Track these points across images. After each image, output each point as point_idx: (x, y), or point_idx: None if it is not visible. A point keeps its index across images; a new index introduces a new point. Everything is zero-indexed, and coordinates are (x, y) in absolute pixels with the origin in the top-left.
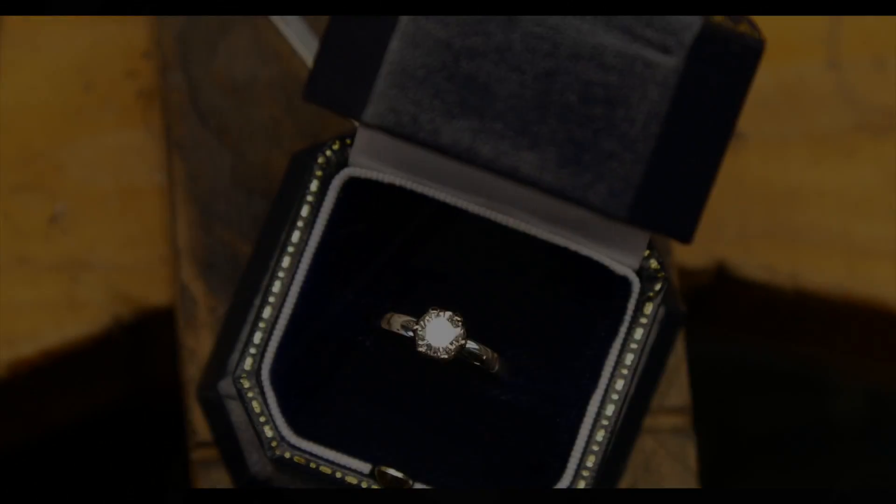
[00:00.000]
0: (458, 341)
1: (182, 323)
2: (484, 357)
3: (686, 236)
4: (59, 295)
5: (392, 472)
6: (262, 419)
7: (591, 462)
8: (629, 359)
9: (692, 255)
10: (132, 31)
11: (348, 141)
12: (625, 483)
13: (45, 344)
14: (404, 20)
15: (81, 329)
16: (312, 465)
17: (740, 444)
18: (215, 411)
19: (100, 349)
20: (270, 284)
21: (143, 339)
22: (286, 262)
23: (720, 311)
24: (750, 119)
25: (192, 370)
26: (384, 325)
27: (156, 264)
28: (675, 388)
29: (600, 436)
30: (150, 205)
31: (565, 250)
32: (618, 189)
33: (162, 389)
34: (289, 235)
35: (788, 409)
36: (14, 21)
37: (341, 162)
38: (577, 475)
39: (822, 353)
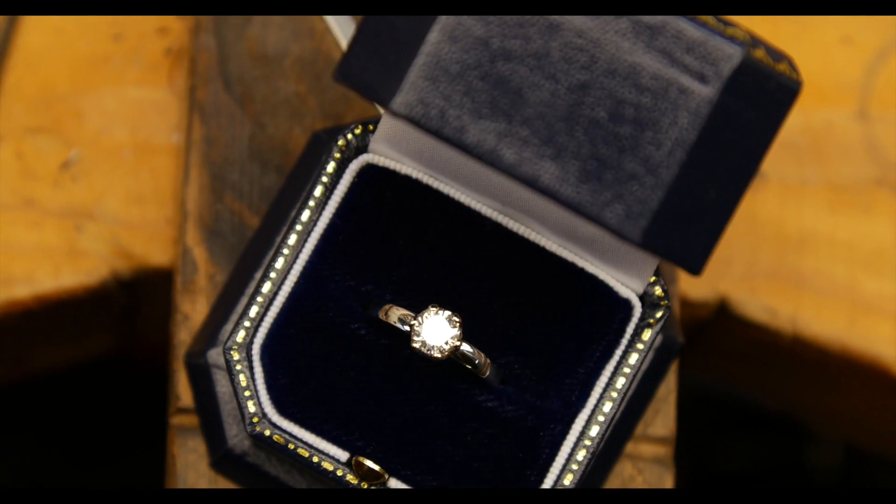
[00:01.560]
0: (453, 342)
1: (180, 286)
2: (476, 361)
3: (696, 268)
4: (60, 241)
5: (369, 463)
6: (246, 393)
7: (568, 480)
8: (620, 382)
9: (696, 286)
10: None
11: (371, 127)
12: None
13: (39, 288)
14: None
15: (78, 278)
16: (291, 447)
17: (715, 480)
18: (201, 379)
19: (94, 301)
20: (273, 260)
21: (139, 297)
22: (292, 239)
23: (716, 346)
24: (772, 159)
25: (184, 335)
26: (381, 317)
27: (161, 224)
28: (662, 417)
29: (581, 455)
30: (164, 164)
31: (572, 265)
32: (635, 211)
33: (150, 350)
34: (299, 213)
35: (767, 451)
36: None
37: (361, 147)
38: None
39: (810, 401)
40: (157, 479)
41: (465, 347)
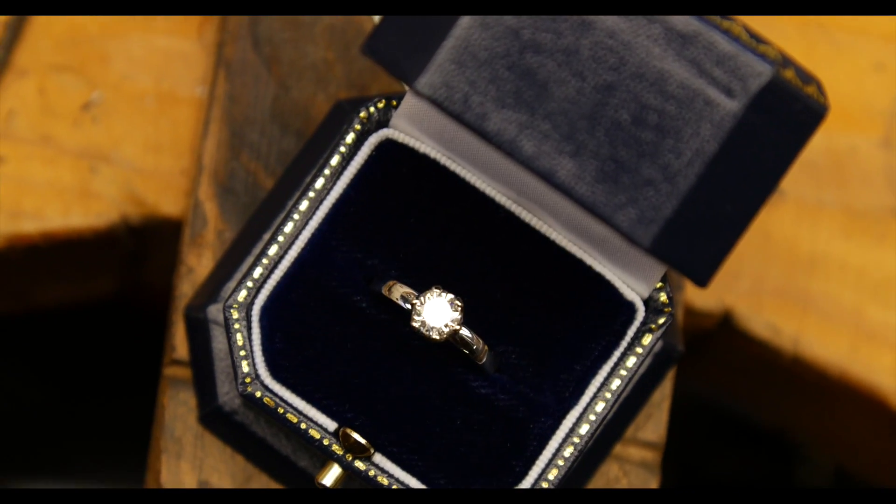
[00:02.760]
0: (452, 325)
1: (187, 239)
2: (474, 346)
3: (702, 280)
4: (73, 181)
5: (356, 436)
6: (241, 353)
7: (552, 475)
8: (615, 384)
9: (702, 296)
10: None
11: (394, 102)
12: None
13: (48, 226)
14: None
15: (88, 220)
16: (280, 411)
17: (700, 489)
18: (199, 334)
19: (101, 244)
20: (283, 224)
21: (146, 245)
22: (304, 205)
23: (716, 357)
24: (792, 177)
25: (186, 287)
26: (384, 292)
27: (176, 175)
28: (653, 423)
29: (568, 451)
30: (185, 115)
31: (581, 262)
32: (647, 217)
33: (152, 298)
34: (313, 180)
35: (755, 467)
36: None
37: (382, 121)
38: (535, 484)
39: (804, 422)
40: (146, 426)
41: (465, 332)
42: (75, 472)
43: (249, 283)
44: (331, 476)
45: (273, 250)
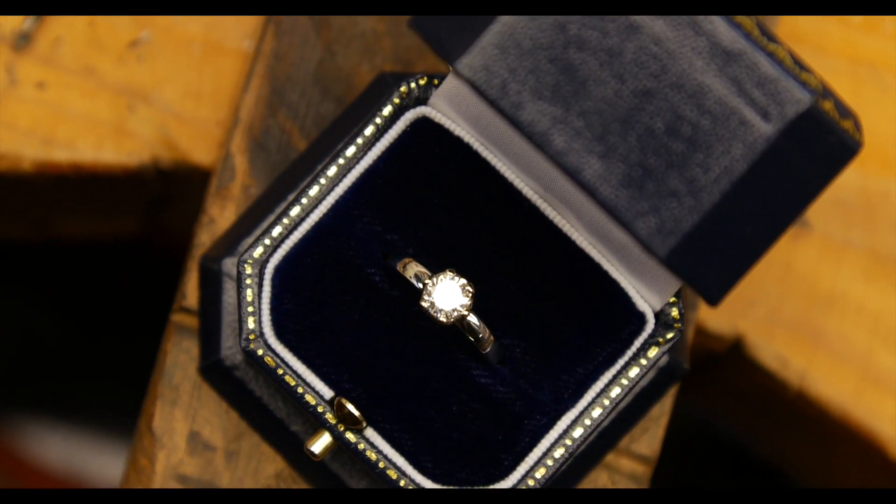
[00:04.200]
0: (461, 310)
1: (213, 189)
2: (480, 335)
3: (713, 298)
4: (110, 117)
5: (350, 407)
6: (249, 309)
7: (540, 474)
8: (615, 391)
9: (716, 319)
10: None
11: (436, 81)
12: None
13: (79, 157)
14: None
15: (119, 157)
16: (279, 371)
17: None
18: (211, 284)
19: (128, 182)
20: (309, 187)
21: (172, 190)
22: (332, 170)
23: (722, 382)
24: (822, 212)
25: (205, 237)
26: (399, 268)
27: (211, 124)
28: (648, 437)
29: (558, 453)
30: (229, 67)
31: (598, 266)
32: (667, 228)
33: (171, 244)
34: (345, 147)
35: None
36: None
37: (421, 98)
38: (522, 481)
39: (800, 459)
40: (146, 370)
41: (472, 319)
42: (75, 407)
43: (267, 241)
44: (320, 444)
45: (295, 211)
